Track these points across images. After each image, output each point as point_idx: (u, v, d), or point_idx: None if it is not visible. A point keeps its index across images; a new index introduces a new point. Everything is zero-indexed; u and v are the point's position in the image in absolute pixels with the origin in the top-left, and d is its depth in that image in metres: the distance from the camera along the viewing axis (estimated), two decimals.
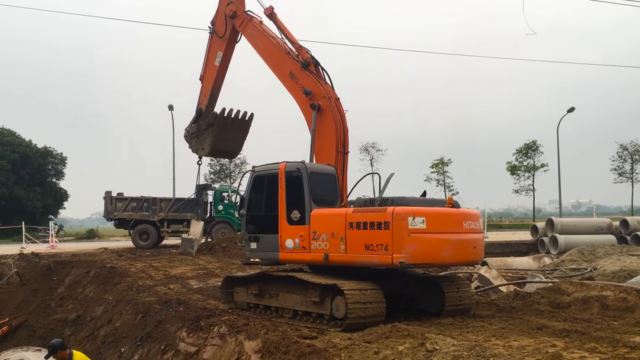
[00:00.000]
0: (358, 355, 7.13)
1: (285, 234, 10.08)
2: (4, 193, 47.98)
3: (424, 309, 10.43)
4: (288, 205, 10.09)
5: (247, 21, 14.43)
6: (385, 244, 8.75)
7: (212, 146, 15.25)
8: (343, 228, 9.31)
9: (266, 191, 10.58)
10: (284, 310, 10.22)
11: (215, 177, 48.81)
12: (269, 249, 10.45)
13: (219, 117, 15.09)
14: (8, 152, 49.09)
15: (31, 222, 41.22)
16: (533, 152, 49.58)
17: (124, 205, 28.30)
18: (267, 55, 13.72)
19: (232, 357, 8.86)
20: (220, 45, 15.39)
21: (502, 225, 53.33)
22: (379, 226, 8.86)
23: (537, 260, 21.35)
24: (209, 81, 15.66)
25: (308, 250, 9.77)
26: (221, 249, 23.25)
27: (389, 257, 8.71)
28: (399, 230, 8.66)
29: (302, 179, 10.10)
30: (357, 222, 9.17)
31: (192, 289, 14.36)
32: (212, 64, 15.59)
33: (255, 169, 11.03)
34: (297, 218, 9.93)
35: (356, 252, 9.15)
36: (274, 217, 10.24)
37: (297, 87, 12.60)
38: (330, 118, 11.91)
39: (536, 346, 6.99)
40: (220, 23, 15.29)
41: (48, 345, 9.02)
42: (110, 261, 18.94)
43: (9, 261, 21.38)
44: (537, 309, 10.59)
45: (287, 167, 10.29)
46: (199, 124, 15.72)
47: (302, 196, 10.02)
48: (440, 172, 54.80)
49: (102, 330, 13.14)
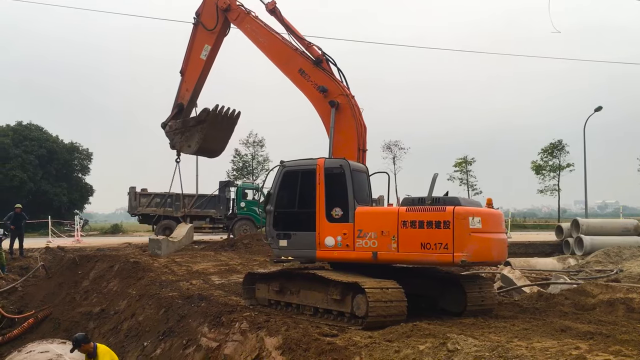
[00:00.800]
0: (378, 353, 7.11)
1: (325, 232, 9.90)
2: (31, 188, 48.83)
3: (445, 308, 10.37)
4: (328, 203, 9.95)
5: (244, 15, 13.98)
6: (445, 242, 8.92)
7: (200, 144, 14.64)
8: (395, 226, 9.34)
9: (300, 187, 10.38)
10: (305, 308, 10.24)
11: (237, 174, 49.05)
12: (304, 247, 10.24)
13: (212, 114, 14.50)
14: (35, 148, 49.96)
15: (57, 217, 41.90)
16: (559, 151, 48.84)
17: (148, 200, 28.63)
18: (272, 51, 13.38)
19: (252, 353, 8.90)
20: (208, 38, 14.72)
21: (526, 226, 52.67)
22: (438, 225, 9.00)
23: (561, 261, 21.07)
24: (192, 75, 14.98)
25: (352, 248, 9.67)
26: (243, 245, 23.35)
27: (449, 255, 8.89)
28: (461, 229, 8.90)
29: (344, 176, 10.01)
30: (411, 220, 9.22)
31: (214, 284, 14.45)
32: (197, 57, 14.86)
33: (286, 164, 10.70)
34: (338, 216, 9.82)
35: (410, 251, 9.22)
36: (310, 214, 10.08)
37: (308, 84, 12.43)
38: (350, 115, 11.83)
39: (559, 348, 6.89)
40: (208, 15, 14.64)
41: (72, 339, 9.16)
42: (134, 256, 19.13)
43: (35, 254, 21.80)
44: (561, 311, 10.45)
45: (327, 163, 10.17)
46: (185, 120, 15.05)
47: (344, 193, 9.91)
48: (464, 171, 54.35)
49: (126, 324, 13.29)
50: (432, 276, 10.82)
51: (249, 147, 49.55)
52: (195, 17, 14.83)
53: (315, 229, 10.00)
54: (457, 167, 54.60)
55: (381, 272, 9.66)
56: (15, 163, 47.78)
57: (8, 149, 47.79)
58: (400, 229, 9.29)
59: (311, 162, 10.37)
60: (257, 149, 49.64)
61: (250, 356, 8.89)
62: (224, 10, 14.23)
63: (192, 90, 14.91)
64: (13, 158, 47.87)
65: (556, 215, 53.64)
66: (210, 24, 14.53)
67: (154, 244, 16.11)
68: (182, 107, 14.98)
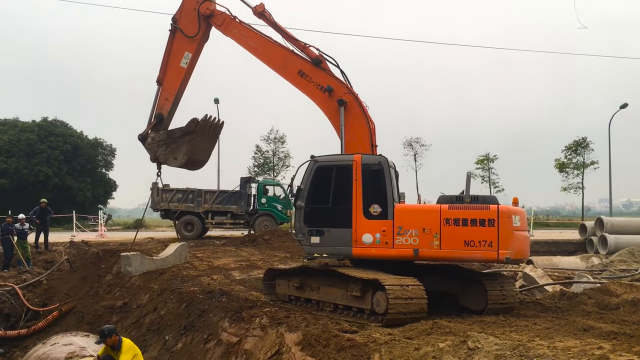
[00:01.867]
0: (398, 351, 7.10)
1: (362, 229, 9.81)
2: (56, 182, 49.55)
3: (466, 306, 10.32)
4: (365, 199, 9.87)
5: (230, 20, 13.37)
6: (489, 240, 9.17)
7: (188, 156, 13.75)
8: (437, 224, 9.41)
9: (334, 183, 10.21)
10: (325, 304, 10.25)
11: (258, 170, 49.25)
12: (338, 244, 10.05)
13: (201, 124, 13.69)
14: (61, 143, 50.66)
15: (81, 211, 42.48)
16: (583, 149, 48.22)
17: (170, 196, 28.83)
18: (266, 55, 12.95)
19: (272, 348, 8.94)
20: (189, 45, 13.89)
21: (549, 224, 52.02)
22: (483, 223, 9.22)
23: (585, 260, 20.80)
24: (172, 84, 14.11)
25: (391, 245, 9.64)
26: (264, 241, 23.46)
27: (494, 253, 9.16)
28: (506, 227, 9.23)
29: (383, 172, 9.98)
30: (454, 218, 9.34)
31: (235, 280, 14.54)
32: (176, 65, 14.00)
33: (318, 159, 10.48)
34: (377, 212, 9.77)
35: (453, 248, 9.35)
36: (345, 210, 9.97)
37: (311, 85, 12.24)
38: (359, 112, 11.75)
39: (582, 348, 6.81)
40: (188, 21, 13.80)
41: (99, 331, 9.24)
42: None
43: (60, 249, 22.13)
44: (584, 310, 10.33)
45: (364, 159, 10.09)
46: (170, 131, 14.11)
47: (383, 190, 9.88)
48: (486, 168, 53.89)
49: (148, 318, 13.44)
50: (453, 274, 10.76)
51: (270, 143, 49.80)
52: (173, 23, 13.98)
53: (352, 225, 9.87)
54: (478, 164, 54.16)
55: (402, 270, 9.64)
56: (41, 158, 48.54)
57: (34, 145, 48.56)
58: (443, 227, 9.38)
59: (346, 157, 10.29)
60: (278, 145, 49.85)
61: (270, 351, 8.93)
62: (206, 17, 13.56)
63: (172, 99, 14.14)
64: (39, 153, 48.63)
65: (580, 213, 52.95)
66: (191, 31, 13.75)
67: (125, 261, 15.25)
68: (162, 117, 14.13)
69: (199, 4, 13.57)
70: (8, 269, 18.59)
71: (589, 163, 47.97)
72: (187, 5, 13.81)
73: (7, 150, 47.52)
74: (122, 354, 8.99)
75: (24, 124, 51.41)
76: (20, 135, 48.65)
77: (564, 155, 49.45)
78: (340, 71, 12.34)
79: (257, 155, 50.00)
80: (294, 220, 10.53)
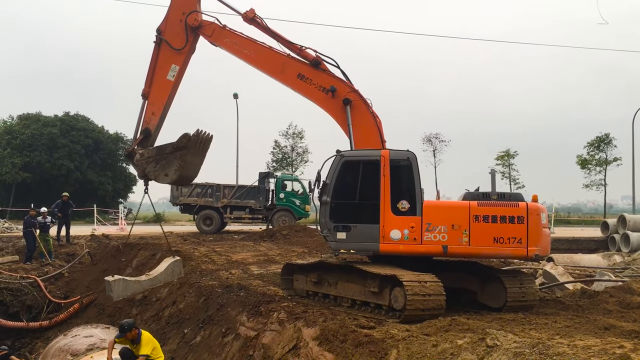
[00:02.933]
0: (416, 347, 7.07)
1: (390, 225, 9.73)
2: (78, 176, 50.13)
3: (485, 303, 10.25)
4: (393, 195, 9.81)
5: (220, 29, 12.98)
6: (519, 237, 9.32)
7: (180, 172, 13.23)
8: (466, 221, 9.47)
9: (361, 178, 10.07)
10: (342, 299, 10.25)
11: (277, 165, 49.36)
12: (366, 240, 9.90)
13: (193, 139, 13.18)
14: (82, 138, 51.24)
15: (102, 205, 42.94)
16: (606, 145, 47.55)
17: (189, 191, 29.02)
18: (262, 61, 12.65)
19: (290, 343, 8.97)
20: (176, 57, 13.35)
21: (570, 221, 51.44)
22: (512, 220, 9.34)
23: (606, 258, 20.52)
24: (159, 98, 13.56)
25: (420, 242, 9.62)
26: (282, 236, 23.53)
27: (523, 249, 9.33)
28: (535, 224, 9.39)
29: (412, 168, 9.93)
30: (484, 215, 9.42)
31: (253, 274, 14.60)
32: (163, 78, 13.45)
33: (344, 153, 10.37)
34: (405, 208, 9.73)
35: (482, 245, 9.44)
36: (372, 206, 9.88)
37: (312, 87, 12.05)
38: (365, 109, 11.64)
39: (603, 347, 6.72)
40: (174, 33, 13.26)
41: (119, 325, 9.35)
42: (175, 245, 19.47)
43: (81, 242, 22.39)
44: (605, 309, 10.19)
45: (392, 154, 10.02)
46: (160, 147, 13.49)
47: (411, 186, 9.86)
48: (506, 164, 53.41)
49: (167, 311, 13.56)
50: (472, 270, 10.69)
51: (289, 138, 49.91)
52: (158, 34, 13.41)
53: (379, 221, 9.78)
54: (499, 160, 53.70)
55: (420, 266, 9.60)
56: (63, 152, 49.15)
57: (56, 139, 49.17)
58: (472, 223, 9.43)
59: (374, 152, 10.21)
60: (296, 140, 49.95)
61: (288, 346, 8.96)
62: (194, 28, 13.13)
63: (160, 114, 13.57)
64: (61, 147, 49.24)
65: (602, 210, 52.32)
66: (177, 43, 13.22)
67: (107, 286, 14.81)
68: (149, 132, 13.56)
69: (185, 15, 13.07)
70: (30, 262, 18.85)
71: (612, 159, 47.31)
72: (173, 16, 13.31)
73: (30, 144, 48.18)
74: (141, 347, 9.09)
75: (47, 118, 52.00)
76: (42, 129, 49.26)
77: (586, 151, 48.83)
78: (341, 71, 12.14)
79: (275, 150, 50.18)
80: (319, 216, 10.36)
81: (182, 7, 13.16)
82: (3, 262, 18.77)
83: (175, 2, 13.27)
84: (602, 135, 47.86)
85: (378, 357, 7.37)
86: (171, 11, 13.32)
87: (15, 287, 16.51)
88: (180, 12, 13.14)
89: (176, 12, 13.21)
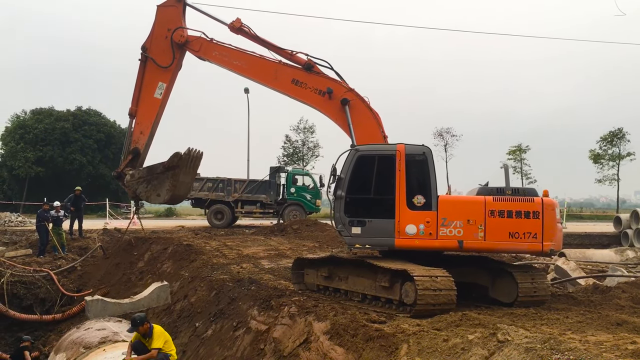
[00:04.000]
0: (427, 342, 7.07)
1: (406, 220, 9.69)
2: (90, 171, 50.49)
3: (496, 298, 10.22)
4: (409, 189, 9.76)
5: (208, 43, 12.73)
6: (534, 232, 9.37)
7: (172, 192, 12.97)
8: (482, 216, 9.47)
9: (377, 173, 10.01)
10: (353, 294, 10.25)
11: (288, 160, 49.41)
12: (381, 235, 9.85)
13: (184, 158, 12.91)
14: (94, 132, 51.59)
15: (114, 199, 43.24)
16: (619, 139, 47.11)
17: (200, 185, 29.15)
18: (254, 71, 12.46)
19: (301, 337, 8.99)
20: (162, 75, 13.05)
21: (582, 216, 51.10)
22: (527, 215, 9.39)
23: (619, 254, 20.37)
24: (147, 117, 13.27)
25: (435, 236, 9.61)
26: (292, 230, 23.56)
27: (539, 244, 9.37)
28: (550, 219, 9.45)
29: (427, 162, 9.89)
30: (499, 210, 9.44)
31: (264, 268, 14.63)
32: (150, 96, 13.14)
33: (359, 148, 10.34)
34: (421, 203, 9.69)
35: (498, 240, 9.45)
36: (388, 200, 9.82)
37: (307, 91, 11.95)
38: (364, 107, 11.57)
39: (615, 342, 6.68)
40: (160, 50, 12.94)
41: (131, 319, 9.42)
42: (187, 239, 19.55)
43: (93, 235, 22.57)
44: (618, 304, 10.13)
45: (408, 149, 9.94)
46: (151, 167, 13.31)
47: (427, 181, 9.82)
48: (518, 159, 53.08)
49: (178, 304, 13.63)
50: (483, 265, 10.66)
51: (300, 133, 49.94)
52: (143, 52, 13.09)
53: (395, 216, 9.73)
54: (510, 154, 53.39)
55: (431, 261, 9.59)
56: (75, 147, 49.53)
57: (68, 134, 49.54)
58: (487, 218, 9.44)
59: (389, 147, 10.14)
60: (307, 135, 49.95)
61: (299, 340, 8.98)
62: (181, 45, 12.82)
63: (149, 133, 13.28)
64: (73, 142, 49.63)
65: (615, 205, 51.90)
66: (164, 60, 12.94)
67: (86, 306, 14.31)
68: (138, 152, 13.35)
69: (170, 31, 12.78)
70: (44, 255, 19.03)
71: (625, 154, 46.90)
72: (158, 33, 13.01)
73: (42, 138, 48.58)
74: (153, 341, 9.16)
75: (59, 113, 52.37)
76: (55, 124, 49.64)
77: (599, 146, 48.41)
78: (335, 72, 12.08)
79: (286, 144, 50.24)
80: (334, 211, 10.29)
81: (167, 24, 12.85)
82: (17, 255, 18.98)
83: (159, 18, 12.96)
84: (615, 130, 47.45)
85: (389, 351, 7.38)
86: (156, 28, 12.99)
87: (29, 280, 16.67)
88: (165, 29, 12.83)
89: (161, 28, 12.91)
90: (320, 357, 8.35)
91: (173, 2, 12.90)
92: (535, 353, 5.62)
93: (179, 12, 12.90)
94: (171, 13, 12.87)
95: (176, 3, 12.90)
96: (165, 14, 12.88)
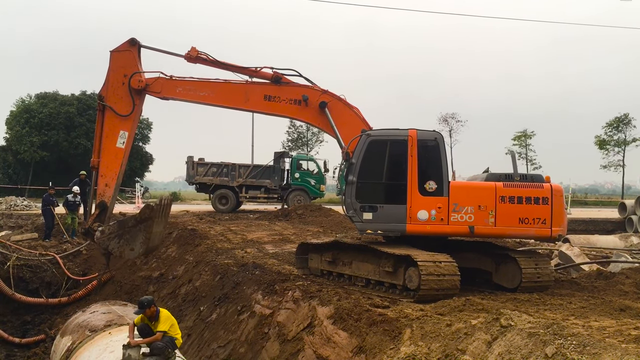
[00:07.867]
0: (430, 327, 7.10)
1: (417, 205, 9.67)
2: None
3: (500, 284, 10.24)
4: (420, 175, 9.73)
5: (168, 81, 12.21)
6: (543, 218, 9.54)
7: (146, 245, 12.27)
8: (493, 201, 9.57)
9: (388, 158, 9.98)
10: (357, 279, 10.28)
11: (292, 145, 49.38)
12: (393, 220, 9.78)
13: (157, 209, 12.23)
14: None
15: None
16: (625, 125, 46.89)
17: (205, 170, 29.14)
18: (222, 97, 12.10)
19: (305, 321, 9.05)
20: (123, 123, 12.32)
21: (587, 202, 51.01)
22: (537, 201, 9.52)
23: (623, 240, 20.33)
24: (111, 168, 12.49)
25: (446, 222, 9.63)
26: (297, 215, 23.59)
27: (547, 230, 9.56)
28: (558, 205, 9.64)
29: (439, 148, 9.88)
30: (509, 196, 9.54)
31: (268, 253, 14.68)
32: (112, 146, 12.41)
33: (371, 133, 10.20)
34: (432, 189, 9.68)
35: (508, 225, 9.59)
36: (399, 186, 9.78)
37: (282, 104, 11.75)
38: (342, 106, 11.46)
39: (618, 328, 6.70)
40: (118, 98, 12.21)
41: (139, 302, 9.45)
42: (192, 224, 19.62)
43: None
44: (621, 290, 10.13)
45: (420, 134, 9.89)
46: (122, 221, 12.68)
47: (438, 166, 9.81)
48: (523, 144, 52.94)
49: (183, 289, 13.72)
50: (486, 251, 10.67)
51: None
52: (100, 101, 12.37)
53: (406, 202, 9.70)
54: (515, 140, 53.24)
55: (436, 246, 9.60)
56: (80, 131, 49.52)
57: (73, 118, 49.52)
58: (498, 204, 9.54)
59: (401, 132, 10.02)
60: None
61: (303, 324, 9.04)
62: (140, 90, 12.21)
63: (114, 184, 12.56)
64: (78, 126, 49.61)
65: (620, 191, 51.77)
66: (123, 109, 12.23)
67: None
68: (105, 206, 12.56)
69: (127, 77, 12.19)
70: (49, 239, 19.15)
71: (631, 140, 46.72)
72: (114, 80, 12.29)
73: (47, 123, 48.57)
74: (159, 324, 9.19)
75: (64, 97, 52.30)
76: (60, 108, 49.60)
77: (605, 132, 48.21)
78: (304, 78, 11.94)
79: (291, 130, 50.24)
80: (345, 196, 10.19)
81: (122, 69, 12.26)
82: (22, 239, 19.09)
83: (114, 64, 12.33)
84: (621, 116, 47.21)
85: (392, 336, 7.42)
86: (111, 75, 12.33)
87: (35, 264, 16.81)
88: (122, 75, 12.24)
89: (117, 75, 12.28)
90: (323, 341, 8.41)
91: (127, 46, 12.31)
92: (538, 338, 5.64)
93: (134, 56, 12.32)
94: (126, 57, 12.28)
95: (130, 47, 12.31)
96: (119, 59, 12.29)
